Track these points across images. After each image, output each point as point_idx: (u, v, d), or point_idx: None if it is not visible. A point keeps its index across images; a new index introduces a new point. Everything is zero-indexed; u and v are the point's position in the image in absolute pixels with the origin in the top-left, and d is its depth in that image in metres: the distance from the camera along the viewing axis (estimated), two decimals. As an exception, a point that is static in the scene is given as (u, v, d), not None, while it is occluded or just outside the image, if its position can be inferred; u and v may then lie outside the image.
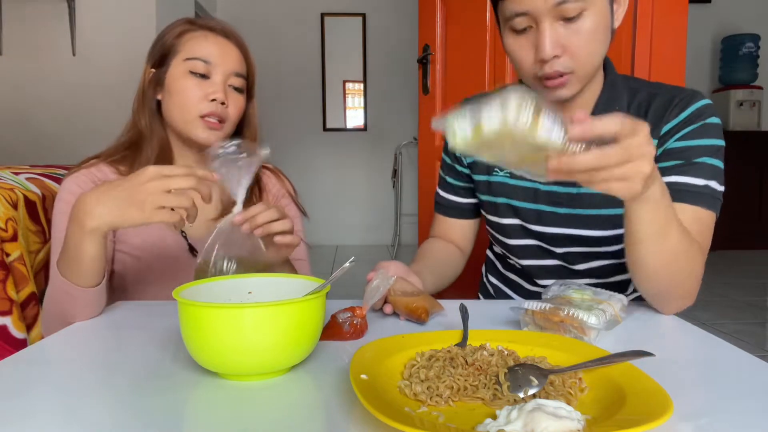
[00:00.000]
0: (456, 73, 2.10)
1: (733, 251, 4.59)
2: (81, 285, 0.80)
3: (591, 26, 0.82)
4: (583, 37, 0.82)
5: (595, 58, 0.85)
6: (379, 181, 5.20)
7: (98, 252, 0.79)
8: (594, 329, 0.71)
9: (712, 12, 5.11)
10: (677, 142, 0.89)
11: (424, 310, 0.80)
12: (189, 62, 0.98)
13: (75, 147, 3.11)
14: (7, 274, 0.99)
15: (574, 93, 0.87)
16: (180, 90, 0.99)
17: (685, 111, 0.90)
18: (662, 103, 0.92)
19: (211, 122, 0.99)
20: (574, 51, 0.82)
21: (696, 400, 0.55)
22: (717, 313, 3.02)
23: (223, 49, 1.01)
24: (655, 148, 0.76)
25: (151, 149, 1.01)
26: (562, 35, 0.81)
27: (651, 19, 1.42)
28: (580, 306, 0.74)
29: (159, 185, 0.73)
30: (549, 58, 0.82)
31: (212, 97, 0.98)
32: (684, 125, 0.89)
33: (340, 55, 5.05)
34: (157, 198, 0.73)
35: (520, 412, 0.46)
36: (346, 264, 0.68)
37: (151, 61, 1.03)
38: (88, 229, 0.76)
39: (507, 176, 1.03)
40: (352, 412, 0.52)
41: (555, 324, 0.73)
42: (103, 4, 3.14)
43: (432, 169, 2.21)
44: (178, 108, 0.99)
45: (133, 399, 0.56)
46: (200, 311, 0.57)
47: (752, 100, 4.88)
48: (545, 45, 0.81)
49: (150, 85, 1.02)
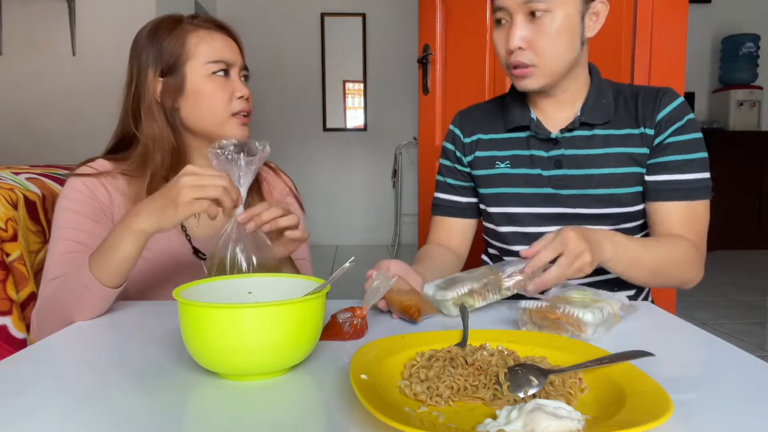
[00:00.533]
0: (456, 73, 2.10)
1: (733, 251, 4.59)
2: (104, 283, 0.82)
3: (555, 28, 0.93)
4: (546, 36, 0.94)
5: (557, 59, 0.96)
6: (379, 181, 5.20)
7: (132, 253, 0.81)
8: (590, 326, 0.71)
9: (712, 12, 5.10)
10: (673, 137, 0.99)
11: (416, 309, 0.80)
12: (211, 65, 0.98)
13: (75, 147, 3.11)
14: (7, 274, 0.99)
15: (540, 86, 0.98)
16: (207, 94, 0.99)
17: (673, 103, 1.00)
18: (648, 95, 1.02)
19: (243, 118, 1.02)
20: (537, 47, 0.94)
21: (696, 400, 0.55)
22: (717, 313, 3.02)
23: (229, 45, 1.02)
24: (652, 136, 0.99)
25: (162, 155, 0.99)
26: (529, 31, 0.94)
27: (651, 19, 1.42)
28: (577, 304, 0.74)
29: (190, 180, 0.77)
30: (514, 48, 0.95)
31: (239, 94, 1.01)
32: (676, 117, 0.99)
33: (340, 55, 5.05)
34: (189, 191, 0.76)
35: (520, 412, 0.46)
36: (346, 264, 0.68)
37: (154, 69, 0.99)
38: (134, 230, 0.79)
39: (508, 166, 1.08)
40: (352, 412, 0.52)
41: (552, 322, 0.74)
42: (103, 4, 3.14)
43: (432, 169, 2.21)
44: (206, 112, 0.99)
45: (133, 399, 0.56)
46: (200, 311, 0.57)
47: (752, 100, 4.88)
48: (512, 37, 0.94)
49: (165, 95, 0.99)
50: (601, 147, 1.01)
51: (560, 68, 0.97)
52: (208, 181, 0.77)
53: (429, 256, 1.10)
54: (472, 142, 1.13)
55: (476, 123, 1.14)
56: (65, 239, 0.93)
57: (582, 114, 1.02)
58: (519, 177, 1.06)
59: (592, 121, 1.01)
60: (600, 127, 1.02)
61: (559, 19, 0.93)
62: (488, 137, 1.11)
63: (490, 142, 1.11)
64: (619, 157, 1.00)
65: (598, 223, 1.02)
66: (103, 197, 0.98)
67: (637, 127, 1.01)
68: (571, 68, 0.99)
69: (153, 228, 0.79)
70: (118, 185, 1.00)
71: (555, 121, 1.04)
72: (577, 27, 0.95)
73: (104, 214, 0.97)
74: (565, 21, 0.93)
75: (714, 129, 4.82)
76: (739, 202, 4.74)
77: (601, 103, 1.02)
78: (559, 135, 1.03)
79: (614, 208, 1.02)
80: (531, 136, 1.06)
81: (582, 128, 1.02)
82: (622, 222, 1.03)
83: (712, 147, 5.45)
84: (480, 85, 1.92)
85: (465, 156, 1.13)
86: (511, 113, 1.08)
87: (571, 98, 1.03)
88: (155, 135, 0.99)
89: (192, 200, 0.76)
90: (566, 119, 1.04)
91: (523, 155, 1.07)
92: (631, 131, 1.01)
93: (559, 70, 0.98)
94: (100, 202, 0.97)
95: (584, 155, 1.02)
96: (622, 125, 1.01)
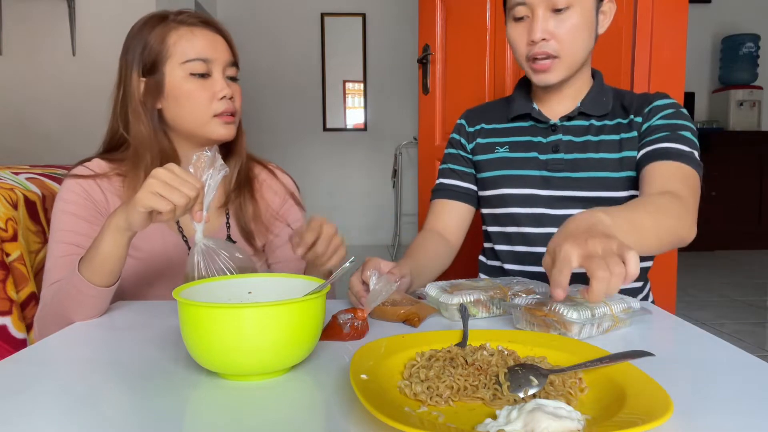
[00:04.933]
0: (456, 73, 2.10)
1: (733, 251, 4.59)
2: (94, 282, 0.82)
3: (576, 22, 0.99)
4: (568, 28, 0.99)
5: (578, 51, 1.02)
6: (379, 181, 5.20)
7: (114, 251, 0.81)
8: (575, 324, 0.70)
9: (712, 12, 5.10)
10: (660, 120, 1.02)
11: (417, 317, 0.80)
12: (187, 65, 0.95)
13: (75, 147, 3.10)
14: (7, 274, 0.99)
15: (559, 79, 1.02)
16: (186, 95, 0.96)
17: (665, 100, 1.06)
18: (644, 96, 1.08)
19: (227, 117, 0.99)
20: (559, 38, 0.99)
21: (696, 400, 0.55)
22: (717, 313, 3.02)
23: (213, 42, 0.98)
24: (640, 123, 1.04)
25: (151, 155, 0.98)
26: (551, 24, 0.99)
27: (651, 19, 1.42)
28: (568, 302, 0.73)
29: (162, 175, 0.74)
30: (538, 39, 0.99)
31: (221, 95, 0.97)
32: (665, 108, 1.04)
33: (340, 55, 5.05)
34: (155, 186, 0.73)
35: (520, 412, 0.46)
36: (347, 264, 0.68)
37: (137, 69, 0.97)
38: (110, 227, 0.79)
39: (507, 151, 1.13)
40: (352, 412, 0.52)
41: (539, 319, 0.74)
42: (103, 4, 3.14)
43: (432, 169, 2.21)
44: (188, 113, 0.97)
45: (132, 399, 0.56)
46: (200, 311, 0.57)
47: (752, 100, 4.88)
48: (536, 29, 0.99)
49: (147, 96, 0.98)
50: (595, 135, 1.07)
51: (579, 60, 1.03)
52: (179, 185, 0.74)
53: (423, 249, 1.11)
54: (475, 131, 1.19)
55: (481, 115, 1.21)
56: (62, 242, 0.93)
57: (582, 105, 1.08)
58: (516, 160, 1.12)
59: (590, 112, 1.08)
60: (596, 119, 1.09)
61: (579, 14, 0.99)
62: (491, 126, 1.18)
63: (492, 130, 1.18)
64: (611, 143, 1.06)
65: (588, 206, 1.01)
66: (98, 198, 0.98)
67: (625, 117, 1.07)
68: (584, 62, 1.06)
69: (124, 223, 0.78)
70: (113, 186, 1.00)
71: (556, 112, 1.11)
72: (593, 22, 1.02)
73: (100, 215, 0.97)
74: (584, 16, 0.99)
75: (714, 129, 4.82)
76: (739, 202, 4.74)
77: (601, 99, 1.09)
78: (558, 122, 1.09)
79: (603, 192, 1.05)
80: (532, 125, 1.12)
81: (580, 118, 1.09)
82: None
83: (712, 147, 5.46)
84: (480, 85, 1.92)
85: (468, 143, 1.20)
86: (514, 105, 1.15)
87: (573, 93, 1.09)
88: (142, 136, 0.98)
89: (153, 194, 0.73)
90: (566, 111, 1.10)
91: (522, 141, 1.12)
92: (621, 120, 1.08)
93: (578, 63, 1.03)
94: (95, 203, 0.97)
95: (580, 142, 1.08)
96: (615, 117, 1.09)
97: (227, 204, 1.08)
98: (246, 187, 1.10)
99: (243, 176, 1.09)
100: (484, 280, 0.93)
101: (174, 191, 0.74)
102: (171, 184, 0.74)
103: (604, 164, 1.05)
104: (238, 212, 1.08)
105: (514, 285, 0.87)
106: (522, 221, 1.11)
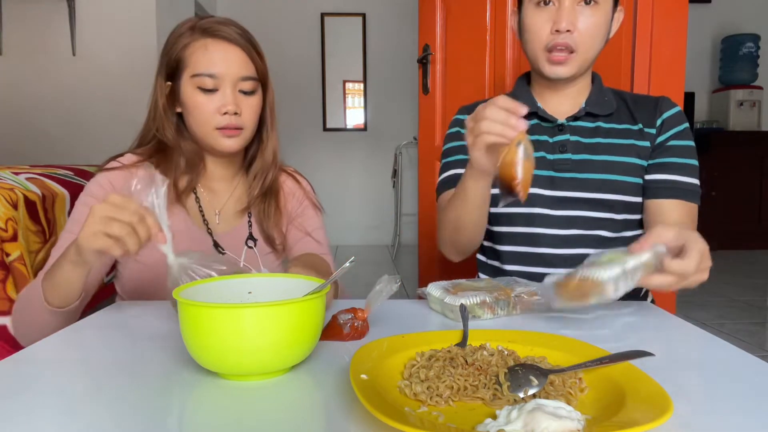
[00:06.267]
0: (456, 73, 2.10)
1: (733, 251, 4.59)
2: (46, 298, 0.82)
3: (599, 19, 1.00)
4: (591, 24, 0.99)
5: (593, 49, 1.02)
6: (379, 181, 5.20)
7: (70, 278, 0.79)
8: (609, 282, 0.68)
9: (712, 12, 5.10)
10: (674, 140, 1.05)
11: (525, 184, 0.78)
12: (196, 79, 0.97)
13: (75, 147, 3.11)
14: (7, 274, 0.99)
15: (571, 74, 1.02)
16: (193, 106, 0.98)
17: (673, 109, 1.07)
18: (646, 100, 1.10)
19: (229, 131, 0.99)
20: (582, 32, 0.99)
21: (696, 400, 0.55)
22: (717, 313, 3.02)
23: (226, 57, 0.97)
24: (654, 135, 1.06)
25: (178, 156, 1.02)
26: (578, 16, 0.99)
27: (651, 19, 1.42)
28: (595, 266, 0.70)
29: (100, 210, 0.71)
30: (563, 29, 0.98)
31: (224, 110, 0.97)
32: (676, 122, 1.06)
33: (340, 55, 5.05)
34: (94, 225, 0.71)
35: (520, 412, 0.46)
36: (347, 264, 0.68)
37: (162, 74, 1.01)
38: (69, 257, 0.77)
39: None
40: (352, 412, 0.52)
41: (575, 292, 0.71)
42: (103, 4, 3.14)
43: (432, 169, 2.21)
44: (195, 122, 1.00)
45: (133, 399, 0.56)
46: (200, 311, 0.57)
47: (752, 100, 4.88)
48: (563, 18, 0.98)
49: (168, 101, 1.01)
50: (603, 137, 1.07)
51: (591, 59, 1.04)
52: (118, 215, 0.70)
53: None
54: None
55: None
56: (71, 232, 0.94)
57: (587, 105, 1.08)
58: None
59: (596, 112, 1.08)
60: (603, 120, 1.09)
61: (602, 13, 1.00)
62: None
63: None
64: (621, 147, 1.06)
65: (596, 208, 1.06)
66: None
67: (635, 124, 1.08)
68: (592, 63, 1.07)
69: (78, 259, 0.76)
70: None
71: (558, 112, 1.11)
72: (609, 25, 1.04)
73: None
74: (605, 16, 1.01)
75: (714, 129, 4.82)
76: (739, 202, 4.74)
77: (603, 99, 1.10)
78: (565, 122, 1.09)
79: (612, 195, 1.05)
80: (536, 123, 1.11)
81: (586, 118, 1.09)
82: (621, 212, 1.06)
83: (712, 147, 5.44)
84: (480, 85, 1.92)
85: None
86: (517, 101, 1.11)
87: (575, 93, 1.10)
88: (169, 138, 1.02)
89: (95, 234, 0.71)
90: (569, 111, 1.10)
91: None
92: (630, 126, 1.08)
93: (590, 61, 1.04)
94: None
95: (588, 142, 1.08)
96: (622, 121, 1.09)
97: (249, 208, 1.09)
98: (271, 196, 1.10)
99: (269, 185, 1.10)
100: (485, 280, 0.93)
101: (113, 223, 0.70)
102: (109, 215, 0.70)
103: (613, 167, 1.05)
104: (260, 217, 1.09)
105: (516, 286, 0.87)
106: (523, 221, 1.11)
